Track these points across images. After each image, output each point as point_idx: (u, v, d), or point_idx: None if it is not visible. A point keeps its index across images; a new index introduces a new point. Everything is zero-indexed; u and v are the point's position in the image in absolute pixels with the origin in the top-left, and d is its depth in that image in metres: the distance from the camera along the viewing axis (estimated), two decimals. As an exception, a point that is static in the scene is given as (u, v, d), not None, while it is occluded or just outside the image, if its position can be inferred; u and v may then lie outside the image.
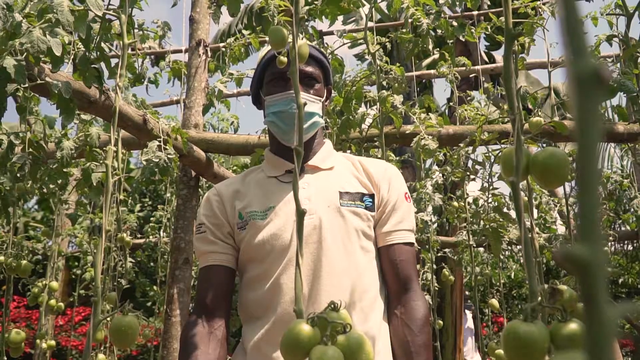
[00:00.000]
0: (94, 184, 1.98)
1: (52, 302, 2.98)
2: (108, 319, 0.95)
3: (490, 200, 1.98)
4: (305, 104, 0.99)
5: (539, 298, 0.82)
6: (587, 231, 0.22)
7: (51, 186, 2.02)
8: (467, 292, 5.53)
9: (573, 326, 0.75)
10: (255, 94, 1.49)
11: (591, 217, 0.22)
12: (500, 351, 2.18)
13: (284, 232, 1.32)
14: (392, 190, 1.39)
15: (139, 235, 4.37)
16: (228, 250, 1.38)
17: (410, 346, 1.29)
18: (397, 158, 3.00)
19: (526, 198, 1.40)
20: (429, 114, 2.02)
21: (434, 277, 3.43)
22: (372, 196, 1.38)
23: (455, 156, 2.22)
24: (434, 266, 3.46)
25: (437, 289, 3.43)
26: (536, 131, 1.29)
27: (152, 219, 4.15)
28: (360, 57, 8.24)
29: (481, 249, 3.90)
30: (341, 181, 1.38)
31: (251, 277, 1.35)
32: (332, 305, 0.92)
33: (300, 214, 0.89)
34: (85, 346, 0.98)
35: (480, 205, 2.16)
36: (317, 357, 0.83)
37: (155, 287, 4.08)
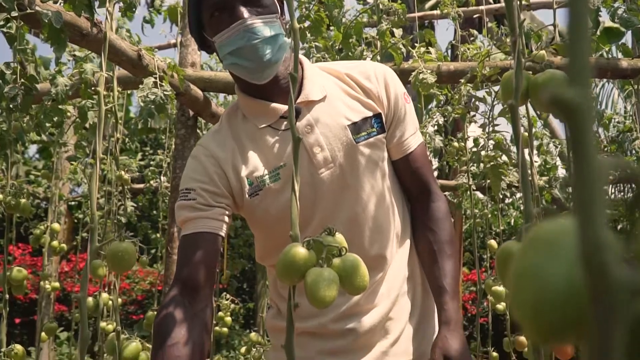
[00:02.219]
0: (91, 123, 1.97)
1: (55, 243, 3.01)
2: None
3: (490, 137, 1.96)
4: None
5: (534, 220, 0.81)
6: (576, 73, 0.21)
7: (47, 125, 2.00)
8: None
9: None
10: (199, 38, 1.26)
11: (580, 58, 0.21)
12: (497, 288, 2.21)
13: (302, 189, 1.15)
14: (393, 99, 1.29)
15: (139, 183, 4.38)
16: (222, 217, 1.20)
17: (433, 244, 1.29)
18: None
19: (526, 134, 1.38)
20: (429, 47, 1.98)
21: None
22: (378, 116, 1.26)
23: (457, 95, 2.19)
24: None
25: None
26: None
27: (152, 162, 4.15)
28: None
29: (481, 195, 3.90)
30: (343, 110, 1.25)
31: (275, 239, 1.27)
32: (328, 230, 0.92)
33: (296, 140, 0.88)
34: (82, 277, 0.99)
35: (480, 144, 2.14)
36: (313, 279, 0.84)
37: (157, 234, 4.11)
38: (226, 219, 1.21)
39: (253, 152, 1.23)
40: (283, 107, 1.21)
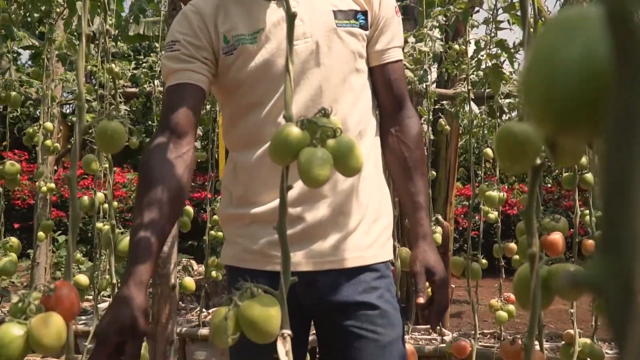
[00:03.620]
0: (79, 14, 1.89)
1: (48, 142, 2.99)
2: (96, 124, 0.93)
3: (492, 33, 1.90)
4: None
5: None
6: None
7: (36, 15, 1.92)
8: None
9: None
10: None
11: None
12: (491, 193, 2.23)
13: (277, 57, 1.25)
14: (383, 4, 1.32)
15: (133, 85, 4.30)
16: (204, 72, 1.25)
17: (408, 161, 1.33)
18: (398, 3, 2.85)
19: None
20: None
21: (430, 128, 3.43)
22: (364, 13, 1.30)
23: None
24: (431, 117, 3.45)
25: (432, 139, 3.44)
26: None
27: (144, 64, 4.06)
28: None
29: (477, 110, 3.85)
30: None
31: (243, 105, 1.30)
32: (323, 111, 0.90)
33: (291, 16, 0.83)
34: (72, 155, 0.97)
35: (482, 45, 2.09)
36: (306, 158, 0.82)
37: None
38: (209, 74, 1.25)
39: (236, 13, 1.26)
40: None
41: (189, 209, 2.81)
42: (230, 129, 1.33)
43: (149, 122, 6.22)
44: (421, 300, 1.23)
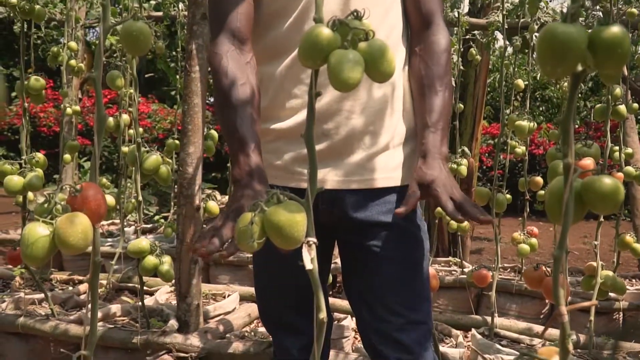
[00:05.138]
0: None
1: (72, 62, 2.97)
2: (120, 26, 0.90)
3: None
4: None
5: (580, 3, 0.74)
6: None
7: None
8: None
9: (615, 30, 0.68)
10: None
11: None
12: (521, 122, 2.17)
13: None
14: None
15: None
16: None
17: (424, 79, 1.25)
18: None
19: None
20: None
21: (460, 59, 3.33)
22: None
23: None
24: (461, 48, 3.35)
25: (461, 70, 3.36)
26: None
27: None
28: None
29: (510, 50, 3.71)
30: None
31: (268, 14, 1.26)
32: (355, 14, 0.85)
33: None
34: (96, 54, 0.95)
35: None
36: (337, 60, 0.79)
37: (177, 76, 4.03)
38: None
39: None
40: None
41: (214, 132, 2.80)
42: (257, 40, 1.29)
43: (173, 53, 6.15)
44: (398, 210, 1.12)
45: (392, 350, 1.28)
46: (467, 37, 3.41)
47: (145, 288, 2.42)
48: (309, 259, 0.78)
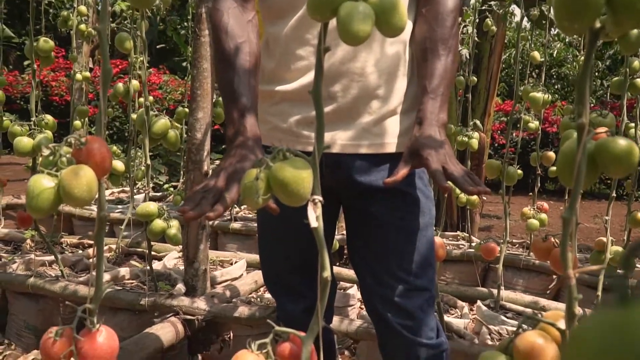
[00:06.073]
0: None
1: (82, 27, 2.95)
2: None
3: None
4: None
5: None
6: None
7: None
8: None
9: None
10: None
11: None
12: (535, 94, 2.13)
13: None
14: None
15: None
16: None
17: (426, 42, 1.20)
18: None
19: None
20: None
21: (475, 30, 3.27)
22: None
23: None
24: (476, 19, 3.29)
25: (475, 42, 3.30)
26: None
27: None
28: None
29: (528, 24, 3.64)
30: None
31: None
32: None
33: None
34: (101, 17, 0.93)
35: None
36: (346, 12, 0.76)
37: (188, 46, 4.00)
38: None
39: None
40: None
41: (224, 100, 2.78)
42: (263, 1, 1.27)
43: (185, 23, 6.11)
44: (386, 180, 1.08)
45: (394, 316, 1.28)
46: (483, 7, 3.35)
47: (153, 253, 2.43)
48: (314, 217, 0.77)
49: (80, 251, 2.96)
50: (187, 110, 2.81)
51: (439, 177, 1.03)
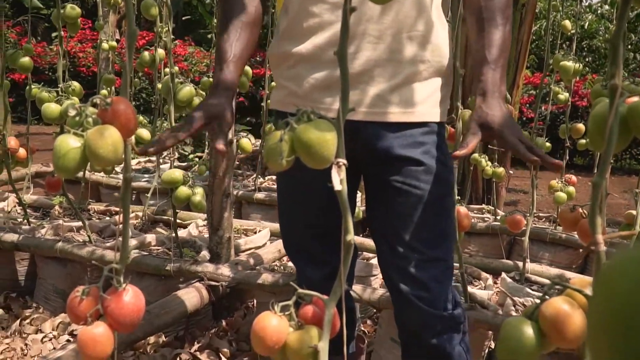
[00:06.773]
0: None
1: (110, -4, 2.95)
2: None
3: None
4: None
5: None
6: None
7: None
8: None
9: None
10: None
11: None
12: (566, 63, 2.08)
13: None
14: None
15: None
16: None
17: (482, 12, 1.17)
18: None
19: None
20: None
21: None
22: None
23: None
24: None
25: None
26: None
27: None
28: None
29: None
30: None
31: None
32: None
33: None
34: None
35: None
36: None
37: (213, 19, 3.97)
38: None
39: None
40: None
41: (248, 69, 2.78)
42: None
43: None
44: (457, 152, 1.10)
45: (409, 287, 1.27)
46: (514, -24, 3.26)
47: (178, 221, 2.46)
48: (338, 180, 0.76)
49: (107, 218, 3.00)
50: (211, 80, 2.80)
51: (523, 151, 1.07)
